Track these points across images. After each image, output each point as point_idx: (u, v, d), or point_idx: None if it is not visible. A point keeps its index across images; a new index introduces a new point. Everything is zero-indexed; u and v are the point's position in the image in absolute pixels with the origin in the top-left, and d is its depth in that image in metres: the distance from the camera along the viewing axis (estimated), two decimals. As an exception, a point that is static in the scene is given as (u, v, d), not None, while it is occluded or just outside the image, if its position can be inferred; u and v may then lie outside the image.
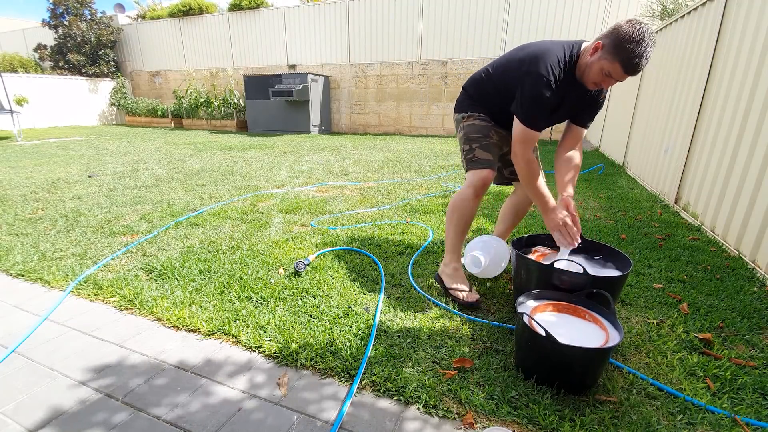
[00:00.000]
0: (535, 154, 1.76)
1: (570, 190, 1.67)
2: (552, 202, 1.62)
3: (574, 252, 1.68)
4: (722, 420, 1.12)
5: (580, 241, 1.60)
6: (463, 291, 1.73)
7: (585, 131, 1.73)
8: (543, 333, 1.17)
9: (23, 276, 2.00)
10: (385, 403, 1.18)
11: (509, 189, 3.87)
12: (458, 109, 1.89)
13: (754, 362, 1.35)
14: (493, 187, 3.95)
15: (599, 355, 1.17)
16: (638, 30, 1.34)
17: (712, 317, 1.63)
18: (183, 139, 8.38)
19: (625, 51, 1.36)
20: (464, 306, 1.69)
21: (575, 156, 1.73)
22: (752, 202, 2.19)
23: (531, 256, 1.71)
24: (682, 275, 2.01)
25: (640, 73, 4.70)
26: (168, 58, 13.00)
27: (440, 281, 1.82)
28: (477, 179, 1.72)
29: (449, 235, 1.82)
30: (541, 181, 1.64)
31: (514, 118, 1.60)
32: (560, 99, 1.57)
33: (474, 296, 1.71)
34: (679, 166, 3.21)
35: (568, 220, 1.58)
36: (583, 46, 1.54)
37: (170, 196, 3.51)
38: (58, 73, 12.88)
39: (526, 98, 1.54)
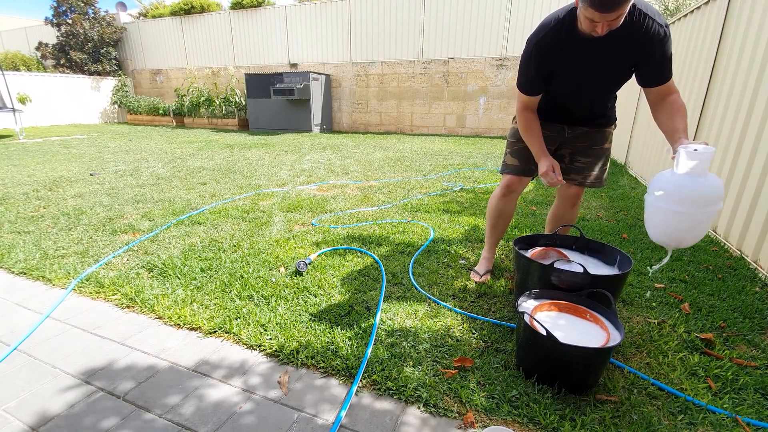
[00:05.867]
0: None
1: (678, 137, 1.41)
2: (541, 152, 1.67)
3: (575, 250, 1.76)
4: (723, 420, 1.12)
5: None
6: (476, 274, 1.98)
7: (665, 87, 1.48)
8: (544, 332, 1.17)
9: (25, 274, 2.00)
10: (386, 402, 1.19)
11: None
12: None
13: (756, 362, 1.35)
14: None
15: (600, 355, 1.17)
16: None
17: (713, 317, 1.63)
18: (184, 138, 8.39)
19: None
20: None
21: (670, 111, 1.48)
22: (754, 202, 2.18)
23: (530, 253, 1.71)
24: (684, 275, 2.00)
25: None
26: (170, 57, 13.02)
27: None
28: (502, 182, 1.92)
29: (486, 228, 2.07)
30: (535, 134, 1.68)
31: None
32: (561, 61, 1.52)
33: (479, 278, 1.95)
34: (681, 165, 3.19)
35: (553, 169, 1.64)
36: None
37: (171, 195, 3.51)
38: (60, 71, 12.91)
39: (520, 63, 1.64)
